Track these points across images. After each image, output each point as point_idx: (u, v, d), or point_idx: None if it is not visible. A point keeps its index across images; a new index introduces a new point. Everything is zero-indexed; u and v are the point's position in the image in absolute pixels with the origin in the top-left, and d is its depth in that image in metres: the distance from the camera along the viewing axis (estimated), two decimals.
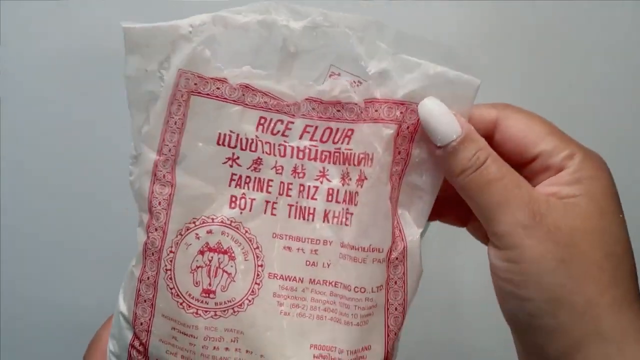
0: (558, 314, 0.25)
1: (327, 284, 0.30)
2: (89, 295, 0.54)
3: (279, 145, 0.30)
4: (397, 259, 0.30)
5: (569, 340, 0.26)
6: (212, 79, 0.28)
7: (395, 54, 0.28)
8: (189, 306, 0.29)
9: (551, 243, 0.26)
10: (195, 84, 0.28)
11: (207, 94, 0.28)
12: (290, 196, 0.30)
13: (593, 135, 0.53)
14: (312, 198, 0.30)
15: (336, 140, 0.29)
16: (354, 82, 0.29)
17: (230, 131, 0.29)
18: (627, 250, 0.27)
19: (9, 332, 0.54)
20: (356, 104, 0.29)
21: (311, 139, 0.29)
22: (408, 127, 0.29)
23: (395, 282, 0.30)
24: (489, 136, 0.29)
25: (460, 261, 0.53)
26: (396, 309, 0.30)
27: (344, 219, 0.30)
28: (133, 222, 0.48)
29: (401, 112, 0.29)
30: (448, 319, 0.55)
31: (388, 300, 0.30)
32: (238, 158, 0.29)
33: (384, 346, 0.30)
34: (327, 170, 0.30)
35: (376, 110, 0.29)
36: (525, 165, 0.29)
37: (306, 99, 0.29)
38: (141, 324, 0.30)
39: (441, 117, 0.27)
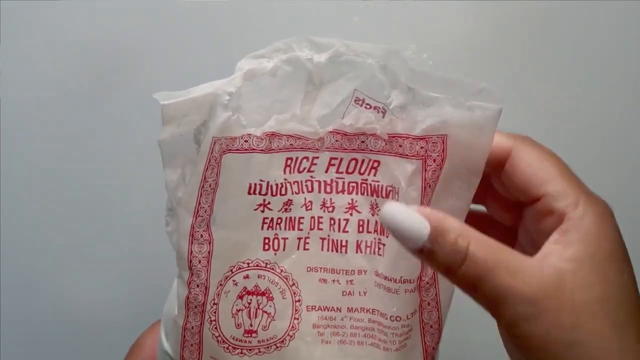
0: None
1: (365, 311, 0.31)
2: (89, 295, 0.54)
3: (306, 181, 0.30)
4: (427, 283, 0.30)
5: None
6: (241, 135, 0.29)
7: (413, 89, 0.28)
8: (234, 348, 0.30)
9: (556, 329, 0.25)
10: (227, 145, 0.29)
11: (237, 150, 0.29)
12: (321, 229, 0.30)
13: (593, 135, 0.54)
14: (344, 231, 0.30)
15: (362, 171, 0.30)
16: (378, 108, 0.29)
17: (260, 180, 0.29)
18: (632, 312, 0.26)
19: (9, 332, 0.54)
20: (379, 135, 0.29)
21: (337, 172, 0.30)
22: (434, 160, 0.28)
23: (429, 304, 0.31)
24: (500, 164, 0.29)
25: None
26: (431, 326, 0.31)
27: (376, 249, 0.30)
28: (133, 222, 0.48)
29: (422, 147, 0.28)
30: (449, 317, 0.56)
31: (423, 320, 0.31)
32: (269, 203, 0.30)
33: None
34: (356, 201, 0.30)
35: (400, 145, 0.29)
36: (530, 204, 0.28)
37: (330, 132, 0.29)
38: None
39: (405, 221, 0.25)
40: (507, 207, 0.32)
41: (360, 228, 0.30)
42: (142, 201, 0.51)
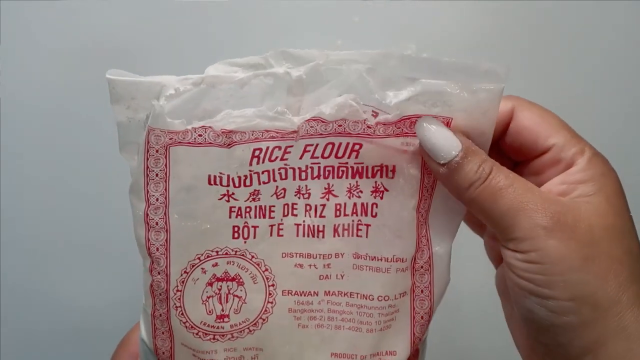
0: (582, 311, 0.26)
1: (342, 294, 0.31)
2: (89, 295, 0.55)
3: (280, 169, 0.29)
4: (422, 267, 0.30)
5: (593, 337, 0.26)
6: (193, 128, 0.28)
7: (414, 79, 0.28)
8: (205, 334, 0.30)
9: (573, 242, 0.26)
10: (171, 138, 0.28)
11: (189, 143, 0.28)
12: (296, 216, 0.30)
13: (592, 135, 0.53)
14: (320, 216, 0.30)
15: (340, 155, 0.29)
16: (370, 112, 0.28)
17: (220, 173, 0.29)
18: (639, 246, 0.27)
19: (9, 332, 0.55)
20: (364, 120, 0.28)
21: (312, 157, 0.29)
22: None
23: (422, 291, 0.31)
24: (505, 126, 0.30)
25: (461, 260, 0.54)
26: (422, 317, 0.31)
27: (355, 231, 0.30)
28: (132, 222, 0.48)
29: None
30: (449, 318, 0.56)
31: (414, 308, 0.31)
32: (233, 194, 0.29)
33: (408, 352, 0.31)
34: (332, 185, 0.30)
35: (398, 127, 0.28)
36: (536, 157, 0.29)
37: (306, 121, 0.28)
38: (163, 352, 0.31)
39: (440, 134, 0.27)
40: None
41: (337, 212, 0.30)
42: None
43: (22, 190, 0.53)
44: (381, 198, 0.29)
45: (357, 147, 0.29)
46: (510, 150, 0.30)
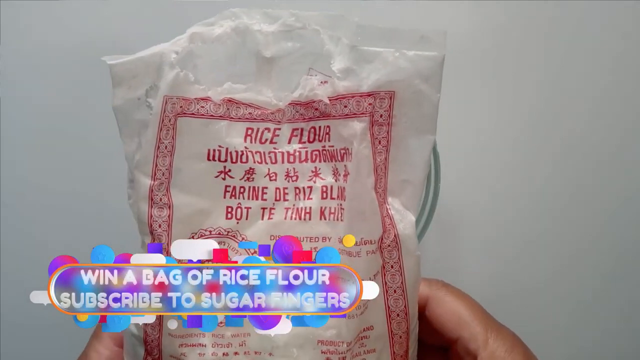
0: None
1: None
2: None
3: (269, 152, 0.30)
4: (389, 245, 0.30)
5: None
6: (195, 99, 0.29)
7: (355, 47, 0.28)
8: None
9: None
10: (181, 106, 0.29)
11: (192, 114, 0.29)
12: (287, 200, 0.30)
13: (591, 135, 0.52)
14: (308, 198, 0.30)
15: (321, 138, 0.30)
16: (324, 81, 0.29)
17: (219, 146, 0.29)
18: None
19: (9, 331, 0.54)
20: (321, 100, 0.29)
21: (300, 142, 0.30)
22: (381, 115, 0.29)
23: (392, 266, 0.31)
24: (420, 310, 0.32)
25: (460, 261, 0.52)
26: (395, 291, 0.31)
27: (339, 215, 0.30)
28: (131, 221, 0.48)
29: (370, 104, 0.28)
30: None
31: (386, 283, 0.31)
32: (230, 171, 0.30)
33: (386, 325, 0.31)
34: (319, 169, 0.30)
35: (345, 106, 0.29)
36: (449, 345, 0.32)
37: (289, 104, 0.29)
38: (152, 341, 0.31)
39: None
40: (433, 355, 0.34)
41: (324, 194, 0.30)
42: None
43: (22, 191, 0.52)
44: (346, 181, 0.30)
45: (328, 129, 0.30)
46: (426, 334, 0.32)
